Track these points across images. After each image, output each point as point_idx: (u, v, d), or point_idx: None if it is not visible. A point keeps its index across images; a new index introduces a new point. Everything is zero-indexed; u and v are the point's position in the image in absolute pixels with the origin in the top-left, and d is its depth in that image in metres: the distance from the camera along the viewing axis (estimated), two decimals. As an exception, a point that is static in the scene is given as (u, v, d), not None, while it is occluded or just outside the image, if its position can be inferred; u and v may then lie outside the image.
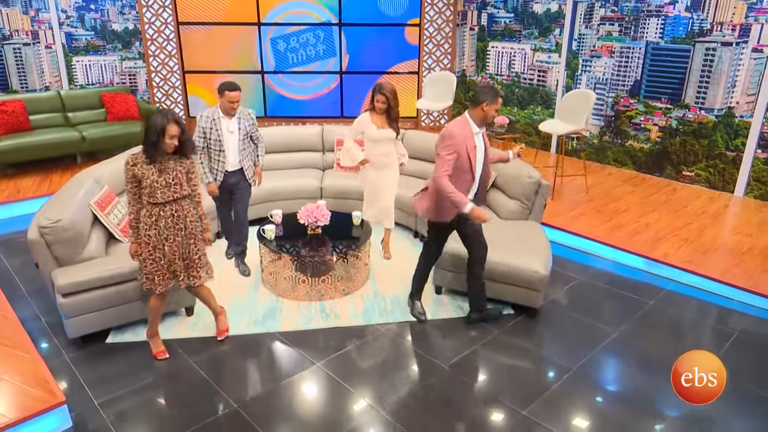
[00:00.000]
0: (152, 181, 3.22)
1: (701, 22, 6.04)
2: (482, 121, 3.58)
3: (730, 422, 3.20)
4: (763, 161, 5.89)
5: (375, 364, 3.64)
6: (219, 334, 3.80)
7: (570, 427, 3.11)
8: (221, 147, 4.25)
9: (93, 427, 3.05)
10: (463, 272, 4.14)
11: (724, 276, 4.44)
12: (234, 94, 4.10)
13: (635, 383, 3.52)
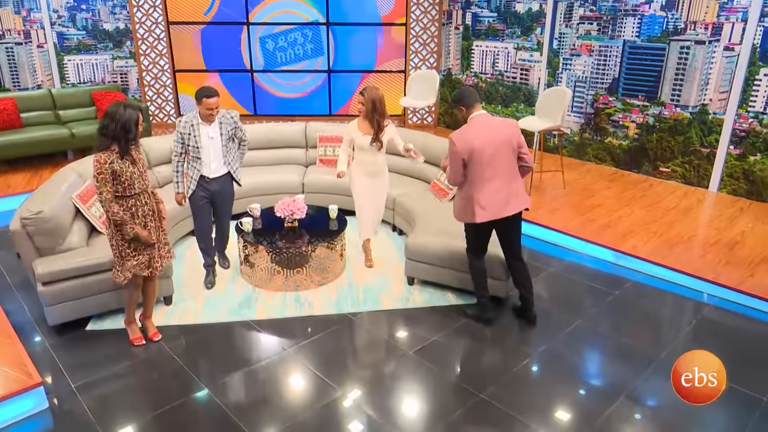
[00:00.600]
0: (131, 173, 3.33)
1: (675, 21, 6.17)
2: None
3: (686, 407, 3.34)
4: (736, 157, 6.03)
5: (342, 350, 3.79)
6: (153, 336, 3.81)
7: (526, 410, 3.24)
8: (198, 154, 4.10)
9: (68, 409, 3.20)
10: (435, 264, 4.30)
11: (687, 267, 4.57)
12: (212, 100, 3.96)
13: (594, 368, 3.66)
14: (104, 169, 3.24)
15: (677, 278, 4.56)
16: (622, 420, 3.18)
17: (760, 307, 4.16)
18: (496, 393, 3.35)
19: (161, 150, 5.56)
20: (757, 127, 5.80)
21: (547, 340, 3.86)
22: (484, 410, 3.23)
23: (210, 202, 4.30)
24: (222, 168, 4.22)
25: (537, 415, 3.20)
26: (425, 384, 3.46)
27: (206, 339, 3.87)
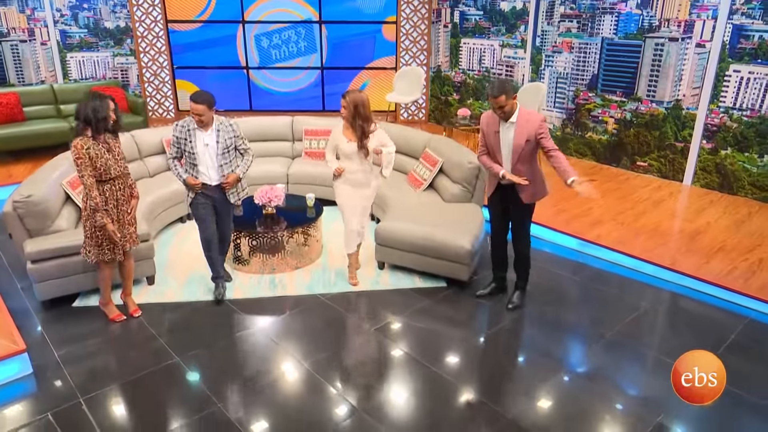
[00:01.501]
0: (106, 159, 3.59)
1: (650, 18, 6.34)
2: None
3: (629, 380, 3.55)
4: (708, 151, 6.19)
5: (308, 327, 4.04)
6: (133, 312, 4.08)
7: (471, 380, 3.48)
8: (194, 160, 3.92)
9: (50, 374, 3.48)
10: (404, 249, 4.54)
11: (648, 255, 4.76)
12: (198, 107, 3.73)
13: (543, 345, 3.88)
14: (82, 154, 3.50)
15: (637, 265, 4.75)
16: (559, 389, 3.40)
17: (712, 292, 4.35)
18: (446, 365, 3.59)
19: (152, 142, 5.86)
20: (728, 122, 5.97)
21: (501, 320, 4.09)
22: (433, 380, 3.46)
23: (212, 207, 4.10)
24: (219, 178, 3.99)
25: (480, 384, 3.44)
26: (381, 357, 3.70)
27: (183, 316, 4.15)
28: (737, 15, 5.70)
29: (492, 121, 3.86)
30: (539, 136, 3.75)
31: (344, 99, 4.09)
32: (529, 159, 3.85)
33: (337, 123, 4.43)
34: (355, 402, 3.28)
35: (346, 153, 4.21)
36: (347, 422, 3.14)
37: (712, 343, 3.82)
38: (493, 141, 3.87)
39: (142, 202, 4.93)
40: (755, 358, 3.66)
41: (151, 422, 3.13)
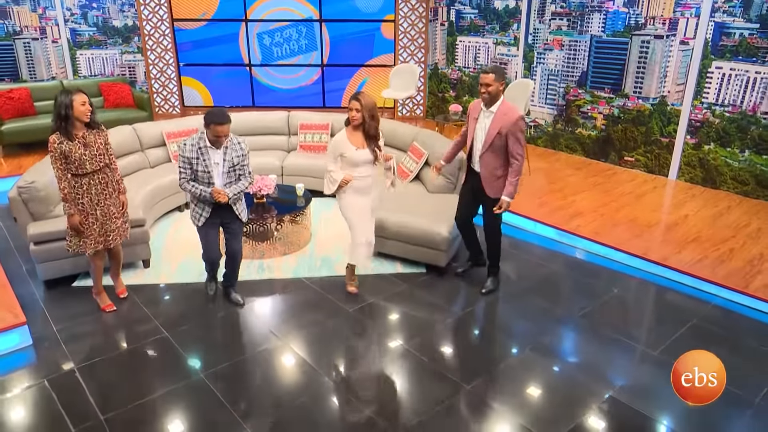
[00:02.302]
0: (80, 154, 3.67)
1: (636, 16, 6.49)
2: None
3: (588, 358, 3.75)
4: (692, 147, 6.33)
5: (290, 307, 4.28)
6: (120, 293, 4.29)
7: (440, 357, 3.70)
8: (210, 179, 3.77)
9: (48, 345, 3.76)
10: (386, 237, 4.76)
11: (622, 245, 4.93)
12: (223, 128, 3.63)
13: (509, 326, 4.09)
14: (54, 148, 3.63)
15: (611, 254, 4.92)
16: (519, 365, 3.61)
17: (680, 280, 4.51)
18: (418, 344, 3.80)
19: (152, 134, 6.13)
20: (710, 117, 6.10)
21: (473, 303, 4.31)
22: (405, 357, 3.68)
23: (219, 225, 4.00)
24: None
25: (445, 359, 3.66)
26: (357, 335, 3.93)
27: (175, 296, 4.41)
28: (719, 13, 5.84)
29: (476, 108, 4.08)
30: (511, 132, 3.86)
31: (359, 102, 3.88)
32: (499, 153, 3.95)
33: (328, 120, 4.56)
34: (326, 374, 3.51)
35: (356, 161, 3.98)
36: (317, 390, 3.38)
37: (674, 325, 4.01)
38: (471, 126, 4.11)
39: (142, 190, 5.25)
40: (713, 340, 3.83)
41: (138, 389, 3.38)
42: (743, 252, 4.76)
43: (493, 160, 3.99)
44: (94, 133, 3.77)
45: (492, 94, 3.87)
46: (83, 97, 3.66)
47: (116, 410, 3.18)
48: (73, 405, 3.23)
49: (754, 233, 5.12)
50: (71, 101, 3.60)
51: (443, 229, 4.53)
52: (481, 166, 4.06)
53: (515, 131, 3.86)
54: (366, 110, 3.88)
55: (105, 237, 3.93)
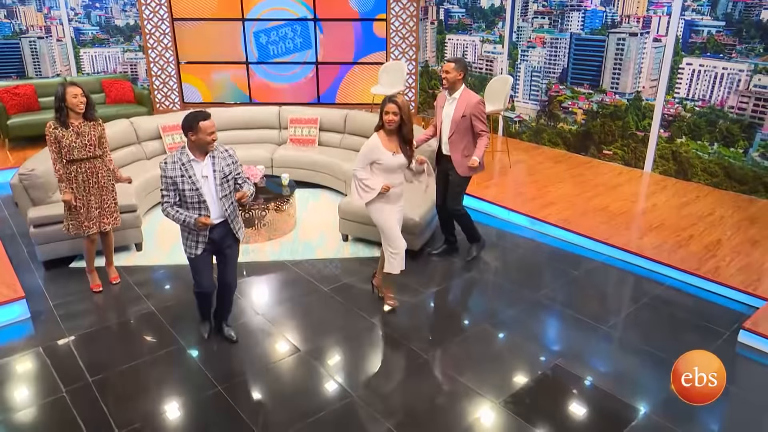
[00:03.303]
0: (71, 142, 3.97)
1: (612, 15, 6.73)
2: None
3: (542, 332, 4.02)
4: (665, 140, 6.56)
5: (269, 286, 4.60)
6: (112, 279, 4.54)
7: (408, 332, 3.98)
8: (200, 197, 3.32)
9: (44, 318, 4.09)
10: (363, 222, 5.05)
11: (588, 231, 5.19)
12: (211, 123, 3.24)
13: (472, 304, 4.38)
14: (48, 133, 3.97)
15: (577, 240, 5.19)
16: (477, 338, 3.90)
17: (640, 263, 4.77)
18: (388, 320, 4.09)
19: (148, 128, 6.46)
20: (682, 111, 6.34)
21: (442, 283, 4.60)
22: (372, 332, 3.98)
23: (213, 253, 3.59)
24: (221, 214, 3.44)
25: (409, 332, 3.95)
26: (331, 312, 4.23)
27: (164, 276, 4.74)
28: (688, 11, 6.07)
29: (442, 98, 4.57)
30: (473, 113, 4.36)
31: (396, 105, 3.70)
32: (464, 134, 4.44)
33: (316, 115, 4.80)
34: (298, 344, 3.82)
35: (392, 167, 3.81)
36: (289, 359, 3.68)
37: (627, 304, 4.28)
38: (438, 114, 4.55)
39: (138, 179, 5.54)
40: (659, 317, 4.09)
41: (124, 356, 3.70)
42: (702, 238, 5.01)
43: (460, 140, 4.46)
44: (90, 125, 4.07)
45: (450, 81, 4.38)
46: (76, 90, 3.95)
47: (103, 373, 3.50)
48: (64, 369, 3.55)
49: (717, 221, 5.36)
50: (64, 93, 3.92)
51: (415, 214, 4.81)
52: (451, 148, 4.54)
53: (476, 112, 4.38)
54: (403, 112, 3.70)
55: (94, 222, 4.21)
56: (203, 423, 3.18)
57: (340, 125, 6.91)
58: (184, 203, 3.36)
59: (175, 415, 3.23)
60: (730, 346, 3.75)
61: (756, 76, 5.72)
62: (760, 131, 5.79)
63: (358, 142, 6.57)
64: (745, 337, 3.74)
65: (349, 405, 3.27)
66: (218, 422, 3.16)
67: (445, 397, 3.36)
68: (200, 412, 3.25)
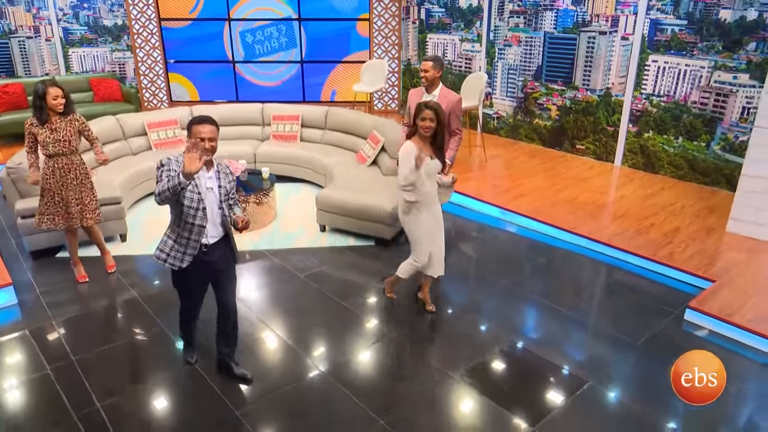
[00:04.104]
0: (45, 137, 4.14)
1: (583, 14, 6.98)
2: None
3: (502, 313, 4.25)
4: (634, 134, 6.82)
5: (247, 272, 4.80)
6: (109, 268, 4.72)
7: (371, 312, 4.21)
8: (202, 205, 3.02)
9: (31, 304, 4.29)
10: (339, 213, 5.27)
11: (556, 221, 5.42)
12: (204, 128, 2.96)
13: (441, 288, 4.60)
14: (26, 128, 4.19)
15: (544, 229, 5.42)
16: (440, 319, 4.14)
17: (602, 250, 5.01)
18: (356, 302, 4.32)
19: (134, 124, 6.66)
20: (649, 107, 6.59)
21: (413, 269, 4.83)
22: (343, 313, 4.20)
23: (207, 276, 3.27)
24: (221, 230, 3.17)
25: (378, 314, 4.17)
26: (305, 296, 4.44)
27: (146, 265, 4.94)
28: (653, 11, 6.33)
29: (417, 95, 4.59)
30: (453, 111, 4.42)
31: (433, 111, 3.58)
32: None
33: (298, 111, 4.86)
34: (272, 325, 4.03)
35: (429, 172, 3.73)
36: (263, 338, 3.90)
37: (587, 288, 4.52)
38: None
39: (123, 173, 5.78)
40: (615, 299, 4.34)
41: (106, 337, 3.91)
42: (662, 226, 5.26)
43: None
44: (66, 120, 4.19)
45: (429, 79, 4.44)
46: (56, 91, 4.08)
47: (85, 353, 3.71)
48: (49, 349, 3.76)
49: (678, 211, 5.61)
50: (45, 93, 4.05)
51: (387, 205, 5.03)
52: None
53: (457, 110, 4.46)
54: (441, 119, 3.61)
55: (71, 216, 4.31)
56: (180, 396, 3.40)
57: (322, 121, 7.13)
58: (179, 218, 3.04)
59: (152, 388, 3.44)
60: (677, 324, 4.00)
61: (716, 73, 5.98)
62: (721, 125, 6.05)
63: (339, 138, 6.84)
64: (690, 315, 3.99)
65: (317, 378, 3.49)
66: (195, 396, 3.38)
67: (410, 371, 3.59)
68: (177, 387, 3.47)
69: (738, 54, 5.80)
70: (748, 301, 4.04)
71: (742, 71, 5.79)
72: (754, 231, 4.99)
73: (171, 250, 3.13)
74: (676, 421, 3.18)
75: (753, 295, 4.12)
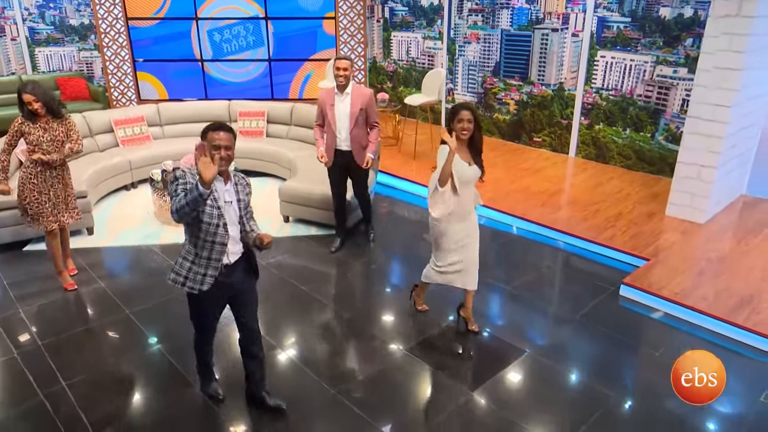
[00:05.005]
0: (38, 137, 4.09)
1: (537, 12, 7.30)
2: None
3: (448, 294, 4.52)
4: (586, 127, 7.16)
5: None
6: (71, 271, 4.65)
7: (326, 295, 4.45)
8: (221, 219, 2.77)
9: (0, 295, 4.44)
10: (301, 204, 5.49)
11: (508, 209, 5.72)
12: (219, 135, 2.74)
13: (388, 271, 4.86)
14: (13, 126, 4.13)
15: (498, 216, 5.72)
16: (388, 299, 4.39)
17: (549, 234, 5.32)
18: (316, 287, 4.54)
19: (101, 121, 6.78)
20: (599, 100, 6.94)
21: (363, 256, 5.09)
22: (299, 295, 4.43)
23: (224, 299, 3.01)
24: (238, 246, 2.92)
25: (334, 297, 4.41)
26: (266, 283, 4.64)
27: (112, 256, 5.11)
28: (600, 9, 6.67)
29: (328, 96, 4.68)
30: (370, 105, 4.64)
31: (471, 112, 3.40)
32: (361, 126, 4.70)
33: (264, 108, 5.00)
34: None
35: (469, 179, 3.53)
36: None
37: (530, 267, 4.81)
38: (329, 112, 4.66)
39: (90, 169, 5.90)
40: (557, 278, 4.64)
41: (72, 324, 4.07)
42: (606, 212, 5.59)
43: (359, 133, 4.70)
44: (58, 121, 4.20)
45: (347, 78, 4.55)
46: (27, 97, 4.01)
47: (51, 338, 3.87)
48: (16, 336, 3.91)
49: (623, 198, 5.95)
50: (20, 98, 4.06)
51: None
52: (351, 142, 4.71)
53: (372, 104, 4.68)
54: (478, 120, 3.46)
55: (56, 216, 4.33)
56: (144, 376, 3.59)
57: (287, 117, 7.33)
58: (196, 236, 2.78)
59: (118, 369, 3.62)
60: (613, 299, 4.32)
61: (658, 67, 6.34)
62: (664, 117, 6.41)
63: (304, 133, 7.04)
64: (625, 291, 4.31)
65: (274, 355, 3.72)
66: (158, 375, 3.57)
67: (363, 346, 3.84)
68: (143, 367, 3.65)
69: (677, 49, 6.16)
70: (677, 277, 4.38)
71: (681, 65, 6.16)
72: (689, 214, 5.34)
73: (189, 272, 2.83)
74: (607, 386, 3.47)
75: (683, 271, 4.46)
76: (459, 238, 3.64)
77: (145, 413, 3.30)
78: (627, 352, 3.85)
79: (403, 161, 7.23)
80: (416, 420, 3.24)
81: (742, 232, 5.14)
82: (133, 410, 3.32)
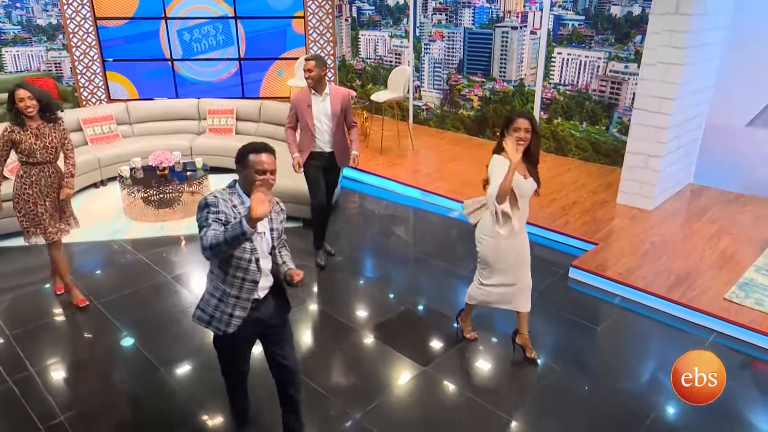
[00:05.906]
0: (30, 144, 3.78)
1: (497, 11, 7.56)
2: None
3: (415, 277, 4.73)
4: (545, 121, 7.44)
5: (179, 252, 5.13)
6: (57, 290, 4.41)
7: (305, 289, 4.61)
8: (254, 253, 2.51)
9: (-31, 289, 4.52)
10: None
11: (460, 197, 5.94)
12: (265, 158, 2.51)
13: (357, 257, 5.04)
14: (4, 134, 3.79)
15: (457, 207, 5.94)
16: (355, 287, 4.58)
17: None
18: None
19: (69, 120, 6.76)
20: (557, 95, 7.22)
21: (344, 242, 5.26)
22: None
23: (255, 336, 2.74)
24: (269, 279, 2.64)
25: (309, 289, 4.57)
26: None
27: (81, 251, 5.20)
28: (556, 7, 6.95)
29: (303, 97, 4.48)
30: (348, 106, 4.55)
31: (529, 121, 3.12)
32: (341, 127, 4.60)
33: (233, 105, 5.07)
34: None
35: (526, 192, 3.30)
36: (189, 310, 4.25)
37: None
38: (306, 114, 4.45)
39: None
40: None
41: (40, 315, 4.18)
42: (561, 201, 5.86)
43: (340, 134, 4.59)
44: (50, 126, 3.90)
45: (315, 79, 4.35)
46: (22, 93, 3.70)
47: (20, 328, 3.98)
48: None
49: (578, 187, 6.23)
50: (13, 96, 3.72)
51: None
52: (334, 144, 4.57)
53: (350, 104, 4.65)
54: (537, 130, 3.18)
55: (56, 227, 4.06)
56: (107, 362, 3.72)
57: (256, 114, 7.47)
58: (224, 271, 2.51)
59: (86, 356, 3.75)
60: (563, 281, 4.57)
61: (611, 63, 6.64)
62: (617, 110, 6.72)
63: (273, 130, 7.19)
64: (574, 273, 4.56)
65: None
66: (125, 361, 3.71)
67: (324, 330, 4.02)
68: (108, 353, 3.79)
69: (627, 46, 6.47)
70: (622, 258, 4.65)
71: (631, 61, 6.47)
72: (638, 201, 5.64)
73: (215, 310, 2.57)
74: (553, 360, 3.70)
75: (627, 254, 4.74)
76: (511, 255, 3.38)
77: (114, 396, 3.44)
78: (572, 328, 4.09)
79: (370, 156, 7.41)
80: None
81: (686, 217, 5.45)
82: (101, 394, 3.45)
